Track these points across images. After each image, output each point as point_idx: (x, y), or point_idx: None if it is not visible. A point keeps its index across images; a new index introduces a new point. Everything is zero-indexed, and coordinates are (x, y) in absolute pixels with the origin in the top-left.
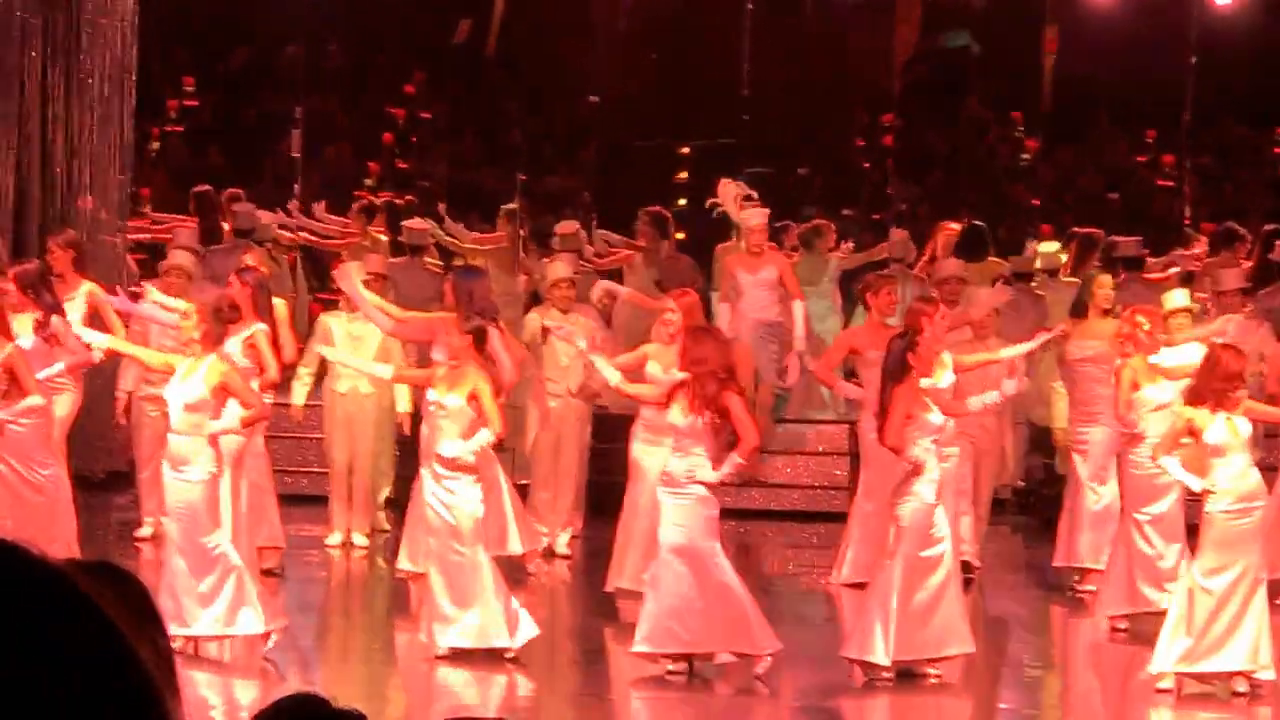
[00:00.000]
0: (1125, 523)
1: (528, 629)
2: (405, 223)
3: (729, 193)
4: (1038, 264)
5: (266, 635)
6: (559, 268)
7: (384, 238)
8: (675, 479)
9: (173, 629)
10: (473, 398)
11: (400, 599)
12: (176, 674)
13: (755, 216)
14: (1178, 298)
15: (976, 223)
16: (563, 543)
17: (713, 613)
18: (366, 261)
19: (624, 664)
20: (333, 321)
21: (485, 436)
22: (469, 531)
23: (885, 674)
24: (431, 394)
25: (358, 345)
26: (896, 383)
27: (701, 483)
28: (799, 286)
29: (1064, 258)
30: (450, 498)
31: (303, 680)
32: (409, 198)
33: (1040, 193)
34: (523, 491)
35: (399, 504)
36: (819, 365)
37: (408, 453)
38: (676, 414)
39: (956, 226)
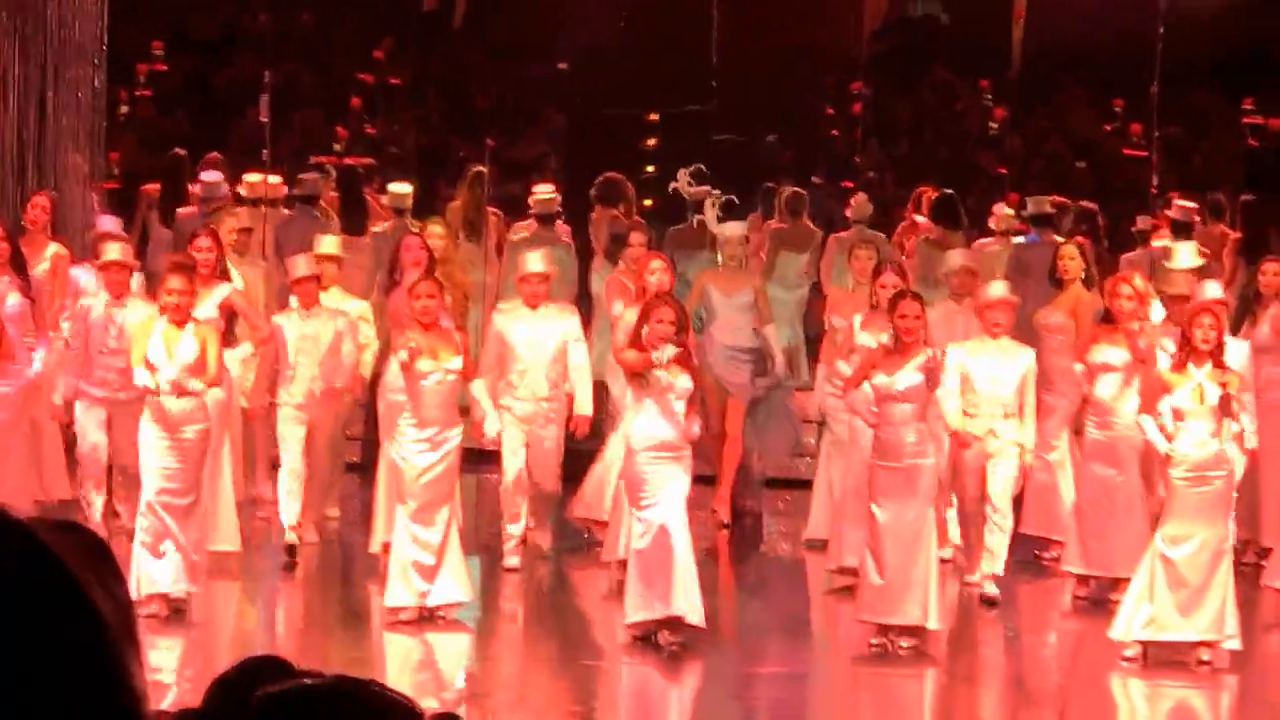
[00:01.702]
0: (1081, 485)
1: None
2: (391, 186)
3: (703, 200)
4: (1029, 209)
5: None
6: (533, 260)
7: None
8: (676, 443)
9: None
10: (465, 350)
11: (371, 566)
12: (136, 627)
13: (734, 228)
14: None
15: (948, 191)
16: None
17: (685, 579)
18: (318, 243)
19: (609, 630)
20: (285, 322)
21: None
22: (454, 487)
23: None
24: (428, 365)
25: (312, 346)
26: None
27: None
28: (771, 310)
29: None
30: (449, 454)
31: (270, 645)
32: (370, 162)
33: (1008, 161)
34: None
35: (362, 468)
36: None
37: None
38: (680, 376)
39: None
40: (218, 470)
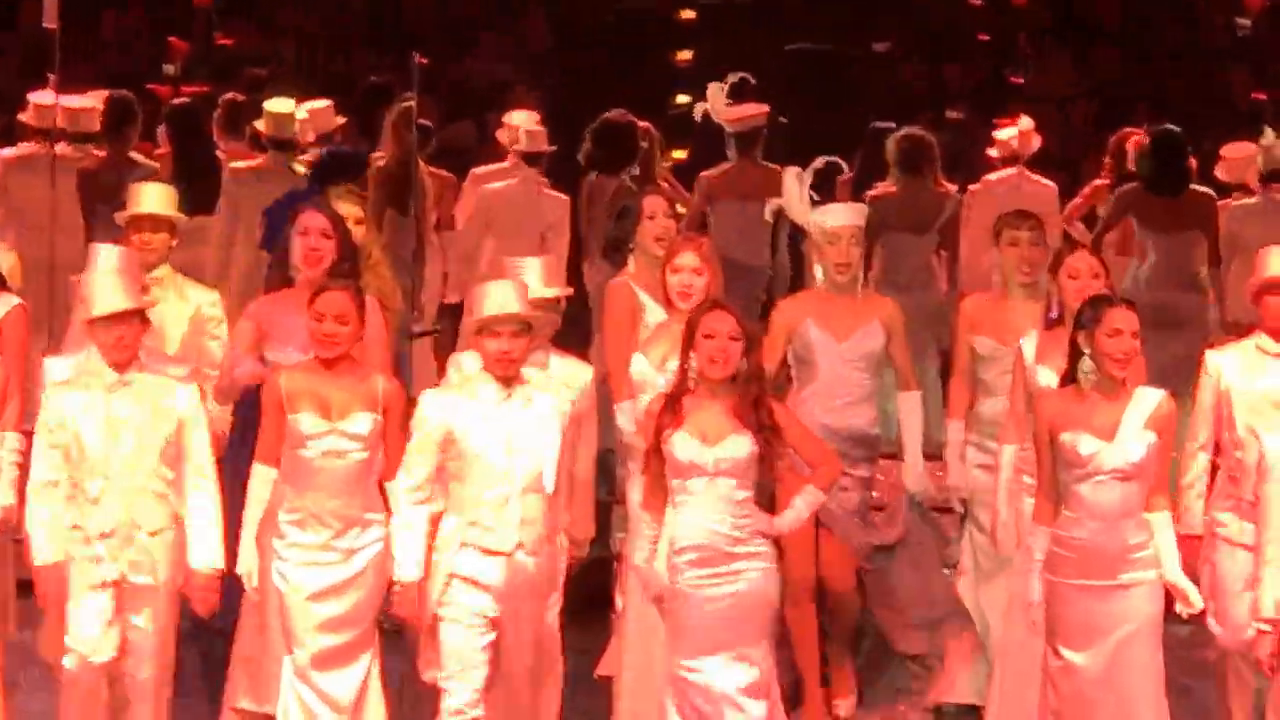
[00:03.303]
0: None
1: None
2: (269, 105)
3: (790, 184)
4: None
5: None
6: (503, 294)
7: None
8: (719, 547)
9: None
10: (387, 410)
11: None
12: None
13: (839, 214)
14: None
15: (1170, 129)
16: None
17: None
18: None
19: None
20: (73, 400)
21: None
22: (374, 623)
23: None
24: (312, 424)
25: (132, 444)
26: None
27: (766, 539)
28: (912, 366)
29: None
30: (364, 572)
31: None
32: (233, 95)
33: (1269, 81)
34: None
35: None
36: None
37: None
38: (730, 440)
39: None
40: None
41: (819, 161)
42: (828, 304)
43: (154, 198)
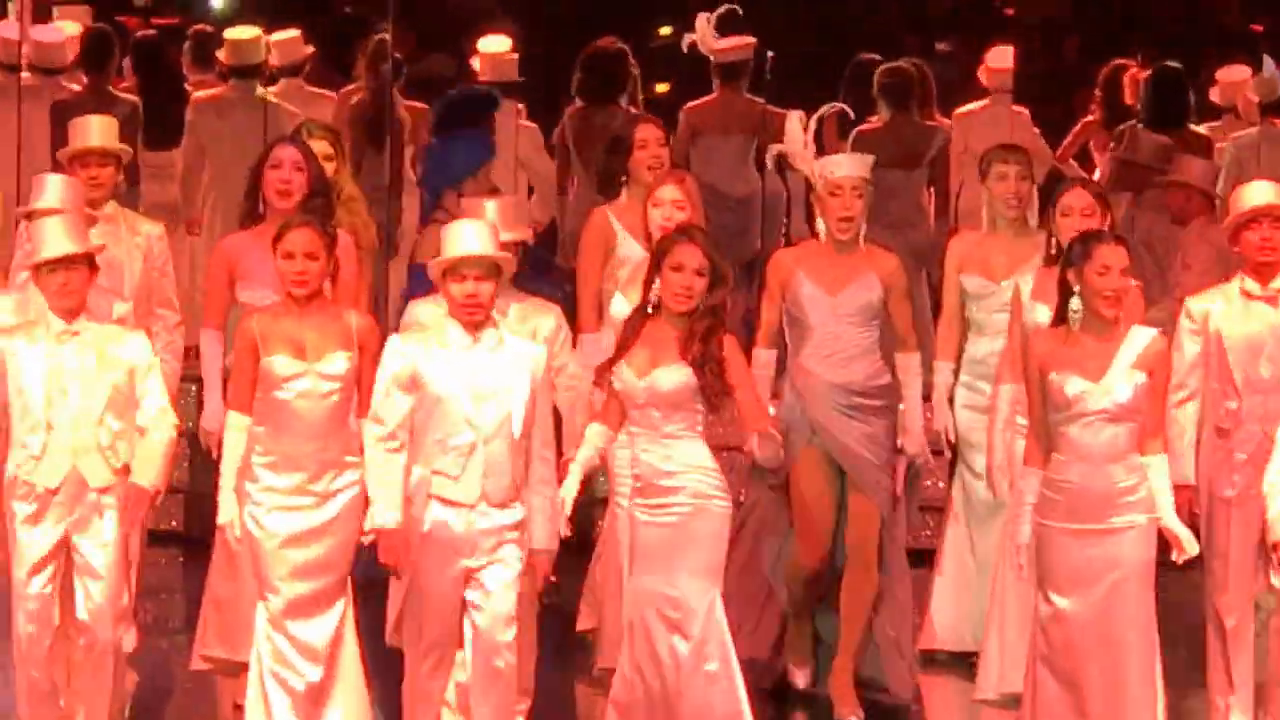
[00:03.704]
0: None
1: None
2: (230, 33)
3: (794, 129)
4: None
5: None
6: (466, 235)
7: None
8: (649, 479)
9: None
10: (362, 347)
11: (202, 700)
12: None
13: (843, 165)
14: None
15: (1169, 65)
16: None
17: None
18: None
19: None
20: (16, 350)
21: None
22: (347, 571)
23: None
24: (287, 366)
25: (79, 394)
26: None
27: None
28: (913, 326)
29: None
30: (339, 518)
31: None
32: (201, 27)
33: (1264, 10)
34: None
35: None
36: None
37: None
38: (661, 371)
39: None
40: None
41: (825, 108)
42: (823, 258)
43: (99, 131)
